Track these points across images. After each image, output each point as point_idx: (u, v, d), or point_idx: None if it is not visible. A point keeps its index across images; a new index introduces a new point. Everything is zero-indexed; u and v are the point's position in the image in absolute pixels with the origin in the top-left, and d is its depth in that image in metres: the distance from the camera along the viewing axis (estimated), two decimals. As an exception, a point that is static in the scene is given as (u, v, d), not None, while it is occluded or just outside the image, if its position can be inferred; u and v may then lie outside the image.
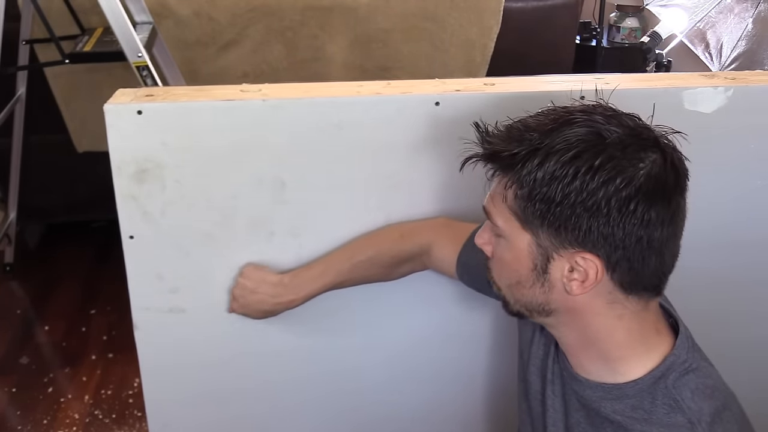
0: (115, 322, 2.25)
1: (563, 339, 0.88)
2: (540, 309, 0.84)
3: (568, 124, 0.78)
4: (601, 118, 0.79)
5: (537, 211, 0.78)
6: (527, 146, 0.78)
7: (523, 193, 0.78)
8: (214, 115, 1.03)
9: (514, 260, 0.83)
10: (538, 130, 0.79)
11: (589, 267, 0.78)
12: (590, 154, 0.76)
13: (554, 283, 0.81)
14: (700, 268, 1.23)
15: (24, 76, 2.25)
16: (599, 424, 0.86)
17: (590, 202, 0.75)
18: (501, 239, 0.84)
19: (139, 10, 1.98)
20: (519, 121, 0.82)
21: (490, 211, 0.84)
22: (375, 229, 1.13)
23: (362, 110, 1.05)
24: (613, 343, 0.84)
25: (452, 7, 2.27)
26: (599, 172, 0.75)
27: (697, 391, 0.81)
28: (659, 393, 0.82)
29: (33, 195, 2.46)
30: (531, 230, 0.80)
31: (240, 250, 1.11)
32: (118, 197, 1.05)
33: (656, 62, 3.00)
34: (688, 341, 0.86)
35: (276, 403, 1.24)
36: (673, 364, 0.83)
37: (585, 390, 0.87)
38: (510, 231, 0.82)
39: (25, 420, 1.89)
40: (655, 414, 0.81)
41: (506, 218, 0.82)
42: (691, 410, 0.79)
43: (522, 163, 0.78)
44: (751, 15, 2.63)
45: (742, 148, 1.15)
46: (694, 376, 0.82)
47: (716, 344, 1.30)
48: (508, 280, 0.85)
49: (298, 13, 2.21)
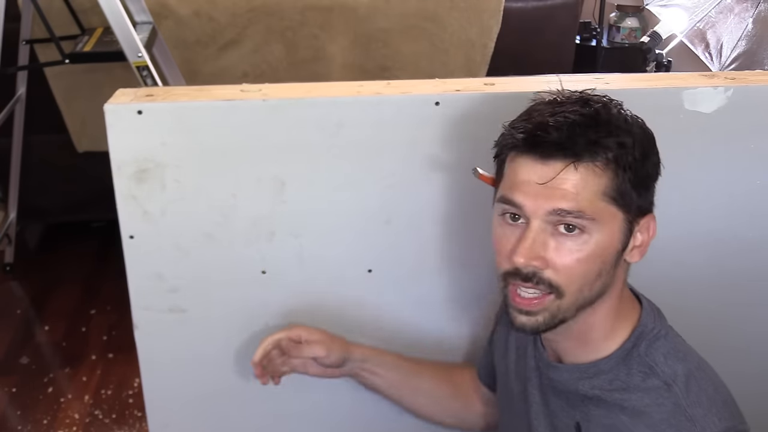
0: (115, 322, 2.25)
1: (570, 329, 0.86)
2: (595, 298, 0.84)
3: (607, 105, 0.83)
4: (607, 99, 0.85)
5: (633, 186, 0.81)
6: (618, 132, 0.80)
7: (627, 176, 0.80)
8: (214, 115, 1.03)
9: (605, 247, 0.80)
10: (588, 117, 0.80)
11: (650, 228, 0.85)
12: (641, 128, 0.83)
13: (621, 261, 0.84)
14: (699, 268, 1.23)
15: (24, 76, 2.25)
16: (579, 403, 0.88)
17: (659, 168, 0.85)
18: (583, 235, 0.80)
19: (139, 10, 1.98)
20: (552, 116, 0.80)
21: (581, 209, 0.79)
22: (374, 228, 1.13)
23: (362, 110, 1.05)
24: (613, 321, 0.87)
25: (452, 7, 2.27)
26: (651, 139, 0.84)
27: (669, 355, 0.84)
28: (633, 362, 0.84)
29: (33, 195, 2.46)
30: (625, 208, 0.81)
31: (240, 250, 1.11)
32: (118, 197, 1.05)
33: (656, 62, 3.00)
34: (653, 311, 0.90)
35: (276, 403, 1.23)
36: (642, 333, 0.86)
37: (562, 375, 0.89)
38: (607, 218, 0.80)
39: (25, 420, 1.89)
40: (632, 382, 0.83)
41: (602, 207, 0.79)
42: (666, 373, 0.82)
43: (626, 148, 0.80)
44: (751, 15, 2.62)
45: (742, 148, 1.15)
46: (665, 341, 0.86)
47: (715, 343, 1.30)
48: (586, 277, 0.81)
49: (298, 13, 2.21)
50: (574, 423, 0.88)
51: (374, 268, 1.16)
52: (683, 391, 0.80)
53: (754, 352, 1.31)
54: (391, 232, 1.14)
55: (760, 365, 1.33)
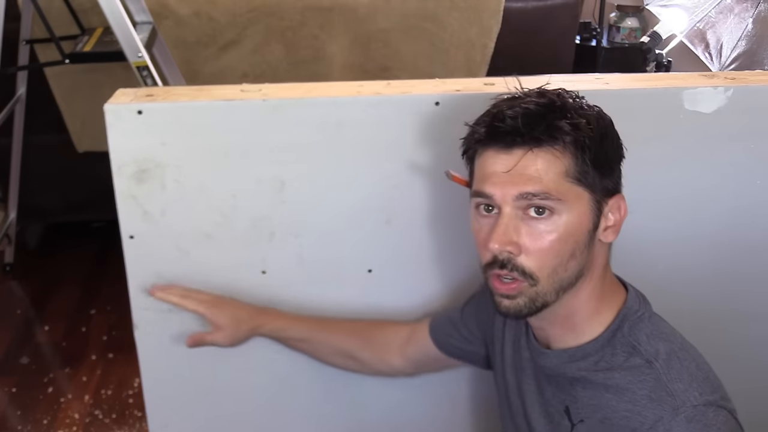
0: (115, 322, 2.25)
1: (555, 313, 0.89)
2: (573, 280, 0.87)
3: (563, 95, 0.87)
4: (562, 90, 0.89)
5: (596, 167, 0.84)
6: (574, 116, 0.84)
7: (587, 156, 0.83)
8: (214, 115, 1.03)
9: (575, 227, 0.84)
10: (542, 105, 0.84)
11: (620, 208, 0.88)
12: (596, 113, 0.87)
13: (595, 240, 0.87)
14: (699, 267, 1.23)
15: (24, 76, 2.25)
16: (567, 386, 0.90)
17: (621, 150, 0.88)
18: (553, 217, 0.83)
19: (139, 10, 1.98)
20: (515, 107, 0.85)
21: (546, 190, 0.82)
22: (374, 228, 1.13)
23: (362, 110, 1.05)
24: (597, 303, 0.89)
25: (452, 7, 2.27)
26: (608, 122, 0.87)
27: (651, 335, 0.87)
28: (617, 343, 0.87)
29: (33, 195, 2.46)
30: (591, 188, 0.84)
31: (240, 250, 1.11)
32: (118, 197, 1.05)
33: (656, 62, 3.00)
34: (637, 296, 0.92)
35: (276, 403, 1.24)
36: (626, 315, 0.89)
37: (552, 360, 0.92)
38: (573, 198, 0.84)
39: (25, 420, 1.89)
40: (616, 362, 0.86)
41: (567, 187, 0.83)
42: (648, 351, 0.85)
43: (583, 130, 0.83)
44: (751, 15, 2.62)
45: (742, 148, 1.15)
46: (648, 323, 0.89)
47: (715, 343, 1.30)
48: (559, 259, 0.84)
49: (298, 13, 2.21)
50: (563, 407, 0.91)
51: (374, 268, 1.16)
52: (664, 368, 0.83)
53: (756, 352, 1.31)
54: (391, 232, 1.14)
55: (759, 364, 1.33)
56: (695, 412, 0.79)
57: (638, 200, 1.15)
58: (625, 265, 1.01)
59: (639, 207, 1.15)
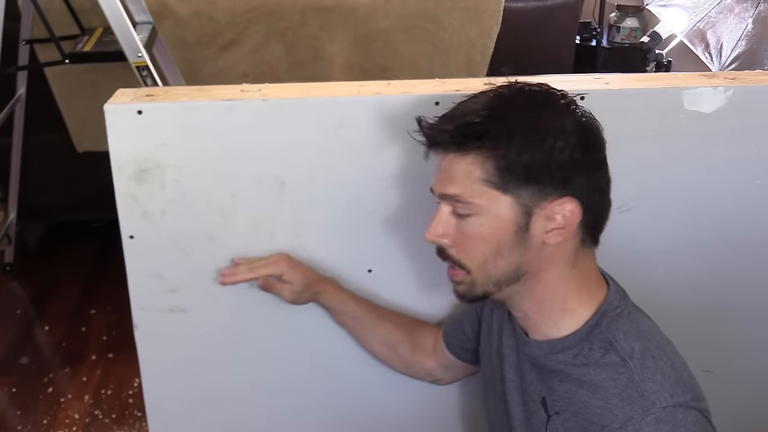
0: (115, 322, 2.25)
1: (521, 305, 0.93)
2: (513, 276, 0.89)
3: (507, 96, 0.88)
4: (524, 85, 0.89)
5: (517, 174, 0.84)
6: (488, 120, 0.85)
7: (501, 164, 0.84)
8: (214, 115, 1.03)
9: (494, 229, 0.87)
10: (487, 105, 0.86)
11: (566, 211, 0.86)
12: (541, 116, 0.86)
13: (532, 240, 0.87)
14: (699, 267, 1.23)
15: (24, 76, 2.25)
16: (546, 377, 0.92)
17: (562, 156, 0.84)
18: (471, 218, 0.87)
19: (139, 10, 1.98)
20: (455, 109, 0.89)
21: (459, 193, 0.87)
22: (374, 228, 1.13)
23: (362, 110, 1.05)
24: (565, 296, 0.90)
25: (452, 7, 2.27)
26: (556, 129, 0.84)
27: (629, 333, 0.88)
28: (595, 338, 0.88)
29: (33, 195, 2.46)
30: (511, 193, 0.85)
31: (240, 251, 1.11)
32: (118, 197, 1.05)
33: (656, 62, 3.00)
34: (618, 291, 0.93)
35: (276, 403, 1.24)
36: (605, 311, 0.90)
37: (534, 350, 0.93)
38: (487, 202, 0.86)
39: (25, 420, 1.89)
40: (593, 357, 0.87)
41: (481, 192, 0.86)
42: (624, 349, 0.86)
43: (491, 136, 0.85)
44: (751, 15, 2.63)
45: (742, 148, 1.15)
46: (627, 320, 0.89)
47: (714, 342, 1.30)
48: (485, 256, 0.89)
49: (298, 13, 2.21)
50: (540, 398, 0.93)
51: (374, 268, 1.16)
52: (638, 368, 0.84)
53: (756, 351, 1.31)
54: (390, 232, 1.14)
55: (760, 364, 1.33)
56: (664, 414, 0.80)
57: (638, 200, 1.15)
58: (624, 264, 1.01)
59: (639, 207, 1.15)
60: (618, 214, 1.06)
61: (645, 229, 1.17)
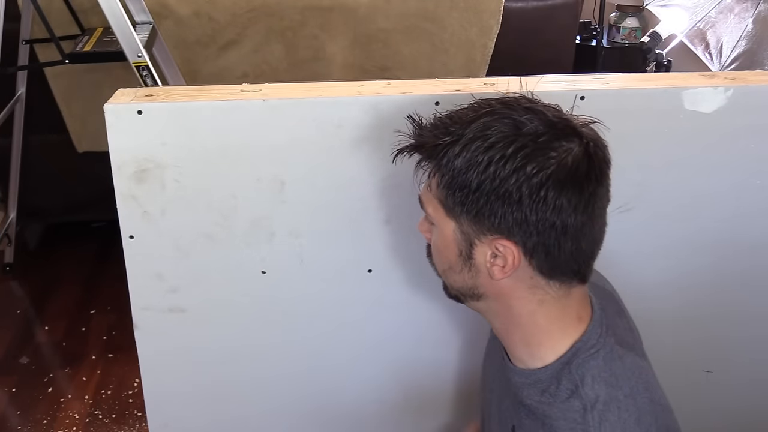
0: (115, 322, 2.25)
1: (494, 325, 0.92)
2: (470, 293, 0.89)
3: (488, 115, 0.81)
4: (521, 110, 0.81)
5: (457, 198, 0.81)
6: (450, 137, 0.82)
7: (444, 182, 0.82)
8: (214, 115, 1.03)
9: (444, 246, 0.87)
10: (460, 121, 0.82)
11: (507, 253, 0.81)
12: (504, 143, 0.78)
13: (479, 268, 0.84)
14: (699, 267, 1.23)
15: (24, 76, 2.25)
16: (518, 408, 0.89)
17: (503, 189, 0.78)
18: (434, 226, 0.89)
19: (139, 10, 1.98)
20: (446, 114, 0.86)
21: (422, 199, 0.88)
22: (374, 228, 1.13)
23: (362, 110, 1.05)
24: (533, 328, 0.86)
25: (452, 7, 2.27)
26: (511, 160, 0.77)
27: (598, 377, 0.82)
28: (564, 377, 0.84)
29: (33, 195, 2.46)
30: (454, 217, 0.84)
31: (240, 250, 1.11)
32: (118, 197, 1.05)
33: (656, 62, 3.00)
34: (601, 327, 0.87)
35: (275, 402, 1.24)
36: (579, 349, 0.85)
37: (513, 376, 0.90)
38: (438, 218, 0.86)
39: (25, 420, 1.89)
40: (558, 398, 0.83)
41: (434, 206, 0.86)
42: (588, 396, 0.81)
43: (444, 152, 0.82)
44: (751, 15, 2.62)
45: (742, 148, 1.15)
46: (601, 361, 0.84)
47: (714, 343, 1.30)
48: (442, 266, 0.90)
49: (298, 13, 2.21)
50: (511, 425, 0.90)
51: (374, 268, 1.16)
52: (596, 420, 0.80)
53: (756, 352, 1.31)
54: (391, 232, 1.14)
55: (760, 364, 1.33)
56: None
57: (638, 200, 1.15)
58: (624, 265, 1.01)
59: (639, 207, 1.15)
60: (618, 214, 1.06)
61: (645, 229, 1.17)
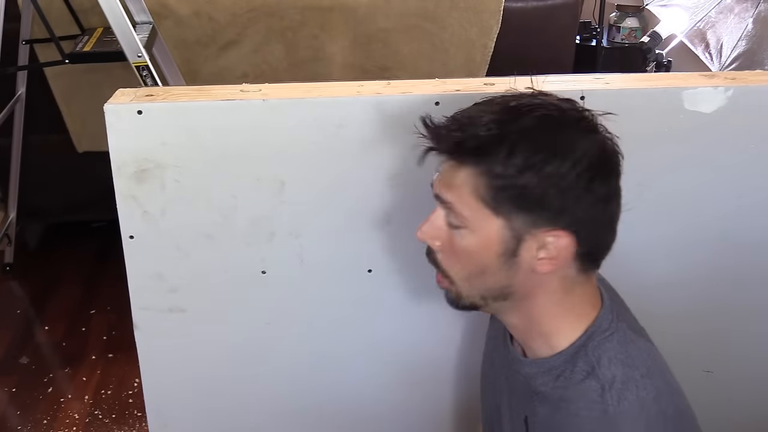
0: (115, 322, 2.25)
1: (511, 322, 0.91)
2: (499, 294, 0.86)
3: (519, 111, 0.81)
4: (550, 104, 0.83)
5: (511, 197, 0.80)
6: (492, 136, 0.80)
7: (495, 183, 0.80)
8: (214, 115, 1.03)
9: (481, 248, 0.83)
10: (495, 119, 0.81)
11: (559, 244, 0.81)
12: (550, 138, 0.80)
13: (521, 265, 0.83)
14: (699, 267, 1.23)
15: (24, 76, 2.25)
16: (531, 397, 0.89)
17: (563, 183, 0.79)
18: (461, 230, 0.84)
19: (139, 10, 1.98)
20: (463, 114, 0.84)
21: (452, 202, 0.84)
22: (374, 228, 1.13)
23: (362, 110, 1.05)
24: (552, 318, 0.87)
25: (452, 7, 2.27)
26: (563, 154, 0.79)
27: (614, 358, 0.84)
28: (580, 360, 0.85)
29: (33, 195, 2.46)
30: (503, 215, 0.81)
31: (240, 250, 1.11)
32: (118, 197, 1.05)
33: (656, 62, 3.00)
34: (612, 313, 0.89)
35: (275, 403, 1.24)
36: (593, 333, 0.86)
37: (525, 368, 0.91)
38: (477, 219, 0.82)
39: (25, 420, 1.89)
40: (574, 380, 0.84)
41: (474, 207, 0.82)
42: (605, 376, 0.82)
43: (491, 153, 0.80)
44: (751, 15, 2.62)
45: (742, 148, 1.15)
46: (616, 344, 0.85)
47: (715, 343, 1.30)
48: (469, 271, 0.86)
49: (298, 13, 2.21)
50: (524, 415, 0.91)
51: (374, 268, 1.16)
52: (614, 399, 0.81)
53: (757, 351, 1.31)
54: (391, 232, 1.14)
55: (761, 363, 1.33)
56: None
57: (638, 200, 1.15)
58: (624, 264, 1.01)
59: (639, 207, 1.15)
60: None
61: (645, 229, 1.17)
